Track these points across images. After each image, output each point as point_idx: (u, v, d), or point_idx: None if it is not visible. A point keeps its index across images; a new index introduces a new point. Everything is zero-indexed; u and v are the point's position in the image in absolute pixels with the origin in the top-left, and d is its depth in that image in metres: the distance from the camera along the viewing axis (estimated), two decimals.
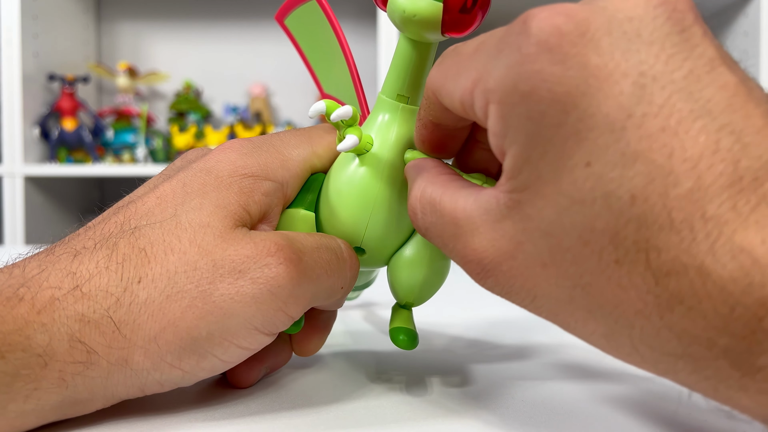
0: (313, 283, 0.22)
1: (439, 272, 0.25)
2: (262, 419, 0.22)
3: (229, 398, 0.23)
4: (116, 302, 0.20)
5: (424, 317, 0.38)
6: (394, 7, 0.21)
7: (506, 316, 0.39)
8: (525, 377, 0.26)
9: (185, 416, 0.21)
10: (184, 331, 0.20)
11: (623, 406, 0.23)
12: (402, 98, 0.23)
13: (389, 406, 0.23)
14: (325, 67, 0.27)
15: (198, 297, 0.20)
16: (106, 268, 0.20)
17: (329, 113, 0.22)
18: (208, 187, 0.22)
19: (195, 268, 0.20)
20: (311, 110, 0.22)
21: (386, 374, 0.27)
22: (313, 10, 0.26)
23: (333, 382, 0.26)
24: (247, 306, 0.20)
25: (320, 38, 0.26)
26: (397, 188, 0.24)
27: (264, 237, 0.21)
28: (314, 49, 0.27)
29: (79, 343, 0.19)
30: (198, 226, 0.21)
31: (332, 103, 0.23)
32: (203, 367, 0.21)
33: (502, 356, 0.30)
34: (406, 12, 0.21)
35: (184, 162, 0.25)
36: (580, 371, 0.27)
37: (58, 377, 0.19)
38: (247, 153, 0.23)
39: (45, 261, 0.20)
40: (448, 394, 0.24)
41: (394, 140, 0.23)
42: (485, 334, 0.35)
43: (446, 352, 0.31)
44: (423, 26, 0.21)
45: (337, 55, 0.26)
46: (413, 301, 0.25)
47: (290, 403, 0.23)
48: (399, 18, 0.21)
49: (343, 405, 0.23)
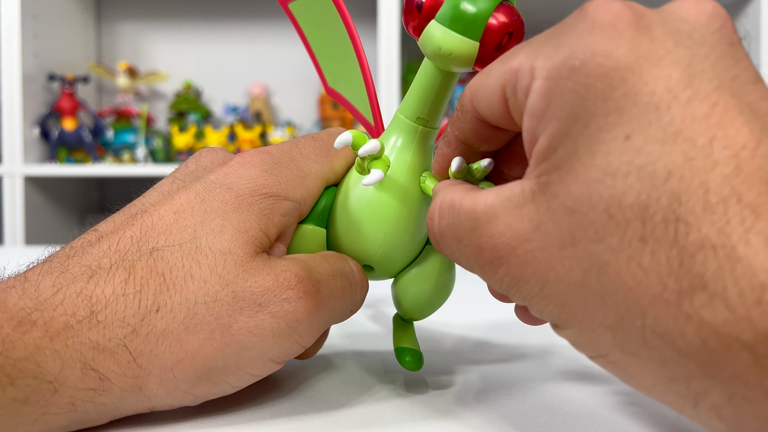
0: (328, 313, 0.22)
1: (444, 288, 0.25)
2: (265, 423, 0.22)
3: (230, 402, 0.23)
4: (133, 332, 0.20)
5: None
6: (429, 41, 0.21)
7: (506, 318, 0.39)
8: (525, 378, 0.26)
9: (189, 421, 0.21)
10: (201, 362, 0.20)
11: (623, 406, 0.23)
12: (421, 121, 0.23)
13: (390, 407, 0.23)
14: (330, 59, 0.27)
15: (217, 330, 0.20)
16: (123, 294, 0.20)
17: (356, 146, 0.22)
18: (229, 206, 0.22)
19: (215, 300, 0.20)
20: (337, 141, 0.22)
21: (388, 376, 0.27)
22: (323, 1, 0.25)
23: (334, 384, 0.26)
24: (265, 340, 0.21)
25: (328, 31, 0.26)
26: (411, 209, 0.24)
27: (284, 267, 0.21)
28: (320, 39, 0.27)
29: (92, 371, 0.19)
30: (219, 252, 0.21)
31: (359, 135, 0.22)
32: (215, 392, 0.21)
33: (502, 358, 0.30)
34: (442, 50, 0.20)
35: (198, 167, 0.24)
36: (580, 373, 0.27)
37: (68, 402, 0.19)
38: (267, 170, 0.23)
39: (59, 280, 0.20)
40: (447, 396, 0.24)
41: (411, 162, 0.24)
42: (485, 336, 0.35)
43: (449, 353, 0.31)
44: (456, 63, 0.21)
45: (346, 51, 0.25)
46: (418, 316, 0.26)
47: (292, 406, 0.23)
48: (432, 53, 0.21)
49: (345, 407, 0.23)
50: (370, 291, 0.25)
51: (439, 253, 0.20)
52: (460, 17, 0.20)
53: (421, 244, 0.25)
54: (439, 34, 0.20)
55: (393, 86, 1.23)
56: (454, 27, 0.20)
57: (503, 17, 0.20)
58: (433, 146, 0.25)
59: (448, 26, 0.20)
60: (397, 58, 1.23)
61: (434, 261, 0.25)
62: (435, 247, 0.20)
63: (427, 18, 0.20)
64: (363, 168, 0.23)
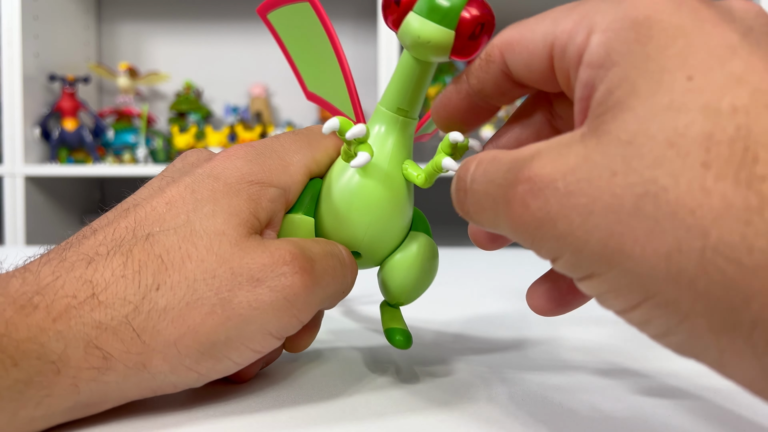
0: (323, 289, 0.23)
1: (429, 272, 0.26)
2: (261, 415, 0.22)
3: (226, 395, 0.23)
4: (135, 309, 0.20)
5: (415, 313, 0.38)
6: (408, 31, 0.22)
7: (497, 311, 0.39)
8: (516, 368, 0.27)
9: (185, 413, 0.22)
10: (204, 336, 0.21)
11: (615, 398, 0.23)
12: (402, 111, 0.25)
13: (386, 397, 0.23)
14: (310, 65, 0.28)
15: (218, 304, 0.21)
16: (123, 276, 0.20)
17: (343, 131, 0.23)
18: (218, 193, 0.23)
19: (214, 276, 0.21)
20: (325, 127, 0.23)
21: (379, 367, 0.27)
22: (302, 9, 0.26)
23: (329, 376, 0.26)
24: (264, 313, 0.21)
25: (307, 37, 0.27)
26: (395, 196, 0.25)
27: (278, 245, 0.22)
28: (299, 46, 0.28)
29: (96, 348, 0.19)
30: (213, 233, 0.22)
31: (346, 122, 0.23)
32: (218, 369, 0.22)
33: (495, 349, 0.30)
34: (421, 38, 0.22)
35: (185, 164, 0.25)
36: (571, 363, 0.28)
37: (71, 383, 0.19)
38: (251, 159, 0.24)
39: (59, 268, 0.20)
40: (439, 386, 0.25)
41: (393, 151, 0.25)
42: (476, 329, 0.35)
43: (435, 345, 0.31)
44: (434, 51, 0.22)
45: (326, 55, 0.26)
46: (404, 301, 0.27)
47: (290, 399, 0.23)
48: (411, 42, 0.22)
49: (340, 396, 0.23)
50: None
51: (460, 205, 0.20)
52: (437, 8, 0.21)
53: (406, 229, 0.26)
54: (418, 24, 0.22)
55: None
56: (431, 17, 0.21)
57: (475, 9, 0.21)
58: (413, 135, 0.26)
59: (426, 16, 0.21)
60: (397, 58, 1.23)
61: (418, 246, 0.26)
62: (457, 200, 0.20)
63: (405, 11, 0.22)
64: (349, 154, 0.24)
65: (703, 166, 0.14)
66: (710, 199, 0.14)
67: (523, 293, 0.23)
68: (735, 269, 0.14)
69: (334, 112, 0.27)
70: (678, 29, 0.16)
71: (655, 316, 0.15)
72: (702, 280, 0.14)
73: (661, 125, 0.15)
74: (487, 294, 0.46)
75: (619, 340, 0.33)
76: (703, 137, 0.14)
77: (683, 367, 0.28)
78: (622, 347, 0.32)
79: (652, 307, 0.15)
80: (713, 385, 0.26)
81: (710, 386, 0.25)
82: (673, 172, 0.14)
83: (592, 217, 0.15)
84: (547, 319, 0.38)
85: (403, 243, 0.26)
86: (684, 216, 0.14)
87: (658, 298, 0.15)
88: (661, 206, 0.14)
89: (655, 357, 0.30)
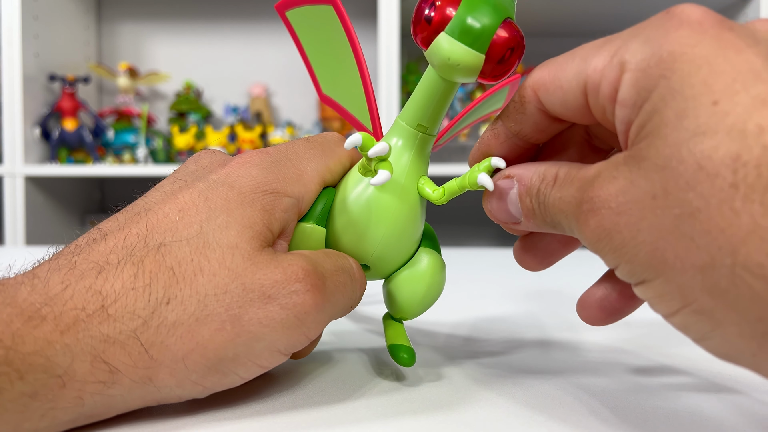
0: (333, 306, 0.23)
1: (436, 290, 0.26)
2: (262, 418, 0.22)
3: (227, 398, 0.23)
4: (144, 324, 0.20)
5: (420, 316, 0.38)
6: (438, 52, 0.22)
7: (498, 311, 0.39)
8: (518, 371, 0.27)
9: (187, 417, 0.22)
10: (212, 352, 0.20)
11: (608, 399, 0.23)
12: (421, 128, 0.25)
13: (389, 401, 0.23)
14: (327, 68, 0.27)
15: (228, 321, 0.21)
16: (133, 288, 0.20)
17: (366, 148, 0.23)
18: (232, 203, 0.22)
19: (225, 292, 0.21)
20: (347, 142, 0.23)
21: (382, 371, 0.27)
22: (323, 11, 0.26)
23: (332, 380, 0.26)
24: (274, 330, 0.21)
25: (326, 39, 0.26)
26: (409, 211, 0.25)
27: (290, 261, 0.22)
28: (317, 47, 0.27)
29: (103, 363, 0.19)
30: (226, 247, 0.21)
31: (369, 138, 0.23)
32: (223, 383, 0.22)
33: (495, 351, 0.30)
34: (451, 60, 0.21)
35: (198, 167, 0.25)
36: (572, 366, 0.28)
37: (76, 396, 0.19)
38: (266, 168, 0.24)
39: (68, 276, 0.20)
40: (442, 389, 0.25)
41: (410, 166, 0.25)
42: (473, 333, 0.35)
43: (438, 349, 0.31)
44: (462, 73, 0.22)
45: (344, 60, 0.26)
46: (409, 316, 0.27)
47: (292, 401, 0.23)
48: (440, 63, 0.22)
49: (344, 401, 0.23)
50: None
51: (526, 220, 0.22)
52: (469, 31, 0.21)
53: (416, 244, 0.26)
54: (448, 46, 0.21)
55: (393, 86, 1.23)
56: (463, 39, 0.21)
57: (506, 33, 0.21)
58: (430, 152, 0.25)
59: (457, 38, 0.21)
60: (397, 58, 1.23)
61: (427, 263, 0.26)
62: (527, 210, 0.22)
63: (437, 30, 0.21)
64: (368, 169, 0.24)
65: (732, 187, 0.15)
66: (739, 219, 0.15)
67: (523, 294, 0.23)
68: (762, 285, 0.15)
69: (347, 117, 0.27)
70: (702, 58, 0.17)
71: (693, 321, 0.17)
72: (732, 293, 0.15)
73: (690, 149, 0.16)
74: (487, 294, 0.46)
75: (629, 344, 0.33)
76: (730, 159, 0.15)
77: (684, 367, 0.28)
78: (630, 350, 0.32)
79: (690, 314, 0.17)
80: (713, 386, 0.26)
81: (711, 387, 0.25)
82: (703, 194, 0.16)
83: (640, 234, 0.17)
84: (541, 322, 0.38)
85: (413, 258, 0.26)
86: (716, 235, 0.15)
87: (695, 306, 0.17)
88: (695, 226, 0.16)
89: (655, 356, 0.30)
